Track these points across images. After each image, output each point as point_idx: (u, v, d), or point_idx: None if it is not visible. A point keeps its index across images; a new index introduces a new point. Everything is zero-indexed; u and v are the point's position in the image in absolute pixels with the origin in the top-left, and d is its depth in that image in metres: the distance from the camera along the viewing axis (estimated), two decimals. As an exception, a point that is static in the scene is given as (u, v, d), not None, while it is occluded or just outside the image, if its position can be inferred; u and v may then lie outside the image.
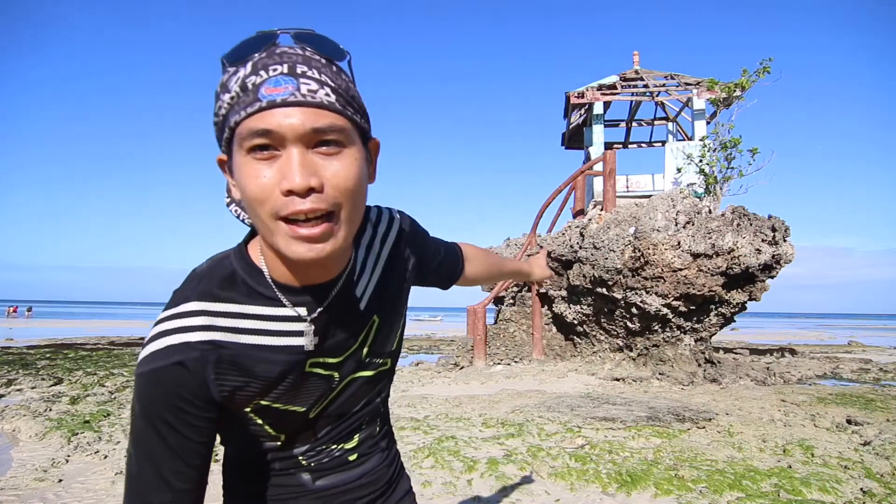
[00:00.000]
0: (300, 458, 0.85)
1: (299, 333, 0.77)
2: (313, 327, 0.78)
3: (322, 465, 0.87)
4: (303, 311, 0.77)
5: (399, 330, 0.94)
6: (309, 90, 0.65)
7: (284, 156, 0.65)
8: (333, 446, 0.87)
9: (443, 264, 1.08)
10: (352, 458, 0.90)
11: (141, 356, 0.72)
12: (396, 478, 1.01)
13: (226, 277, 0.76)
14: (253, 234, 0.80)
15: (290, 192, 0.64)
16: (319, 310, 0.78)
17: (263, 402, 0.77)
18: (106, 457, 4.38)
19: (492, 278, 1.28)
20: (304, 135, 0.64)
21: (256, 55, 0.67)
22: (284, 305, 0.76)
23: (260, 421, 0.79)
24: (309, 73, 0.66)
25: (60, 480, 3.84)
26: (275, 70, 0.65)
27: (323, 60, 0.69)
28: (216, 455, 4.30)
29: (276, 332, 0.76)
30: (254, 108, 0.64)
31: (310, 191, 0.64)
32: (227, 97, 0.67)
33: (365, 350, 0.86)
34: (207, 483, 0.76)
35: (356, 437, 0.90)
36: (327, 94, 0.66)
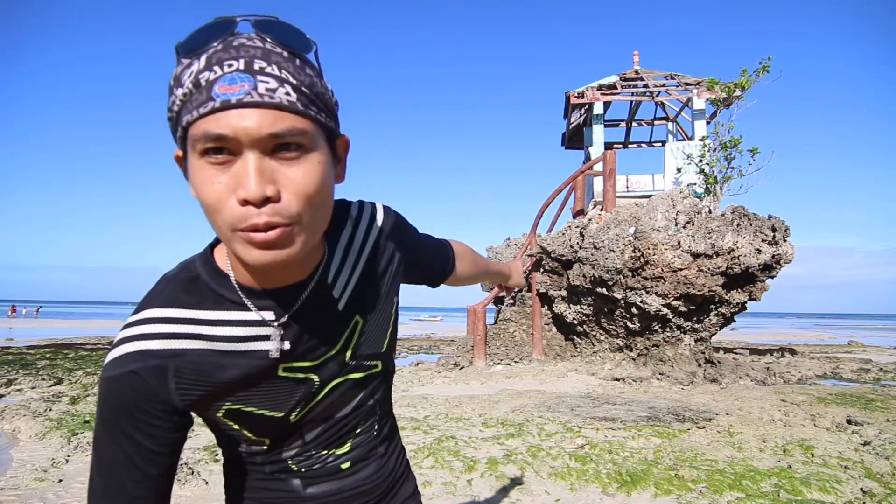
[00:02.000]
0: (290, 462, 0.83)
1: (266, 338, 0.74)
2: (281, 332, 0.74)
3: (314, 471, 0.84)
4: (269, 315, 0.74)
5: (389, 329, 0.89)
6: (267, 89, 0.60)
7: (240, 161, 0.60)
8: (324, 451, 0.85)
9: (433, 260, 1.05)
10: (345, 465, 0.86)
11: (106, 360, 0.71)
12: (400, 481, 0.97)
13: (190, 282, 0.73)
14: (216, 243, 0.78)
15: (245, 202, 0.60)
16: (287, 314, 0.75)
17: (233, 407, 0.75)
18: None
19: (477, 278, 1.27)
20: (261, 139, 0.59)
21: (212, 46, 0.61)
22: (250, 310, 0.73)
23: (236, 426, 0.77)
24: (268, 70, 0.61)
25: (60, 480, 3.84)
26: (230, 66, 0.60)
27: (285, 54, 0.63)
28: (216, 455, 4.30)
29: (241, 337, 0.73)
30: (206, 109, 0.59)
31: (266, 200, 0.60)
32: (179, 92, 0.61)
33: (349, 353, 0.82)
34: (170, 493, 0.75)
35: (349, 443, 0.87)
36: (287, 94, 0.61)
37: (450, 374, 9.61)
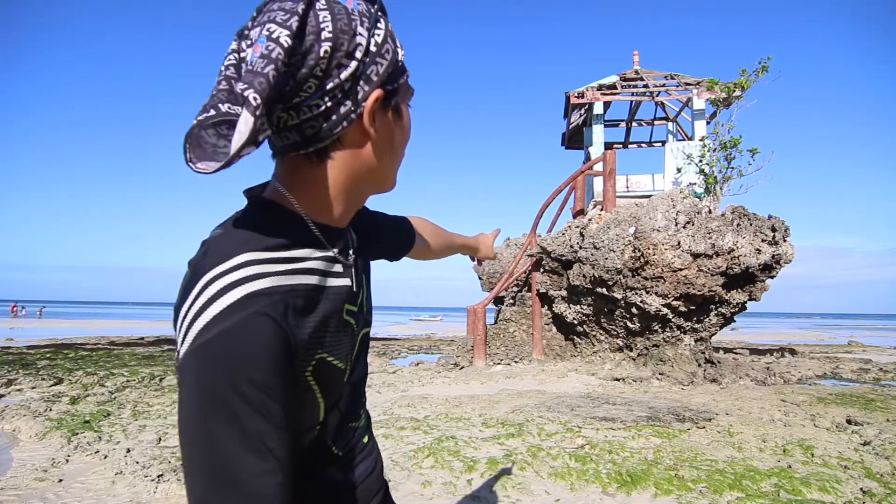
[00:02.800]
0: (332, 446, 0.79)
1: (342, 275, 0.75)
2: (353, 267, 0.77)
3: (349, 451, 0.83)
4: (339, 252, 0.75)
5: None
6: None
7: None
8: (352, 424, 0.83)
9: (391, 234, 1.07)
10: (364, 440, 0.87)
11: (202, 323, 0.58)
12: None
13: (265, 225, 0.67)
14: (259, 191, 0.73)
15: None
16: (351, 252, 0.78)
17: (321, 356, 0.69)
18: (106, 457, 4.38)
19: (441, 252, 1.29)
20: None
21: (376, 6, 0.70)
22: (327, 247, 0.72)
23: (316, 386, 0.70)
24: None
25: (60, 480, 3.84)
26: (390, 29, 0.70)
27: None
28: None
29: (327, 272, 0.72)
30: (406, 73, 0.72)
31: None
32: (396, 44, 0.70)
33: (365, 302, 0.83)
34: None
35: (362, 414, 0.87)
36: None
37: (450, 374, 9.61)
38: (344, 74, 0.63)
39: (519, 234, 13.38)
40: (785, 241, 9.62)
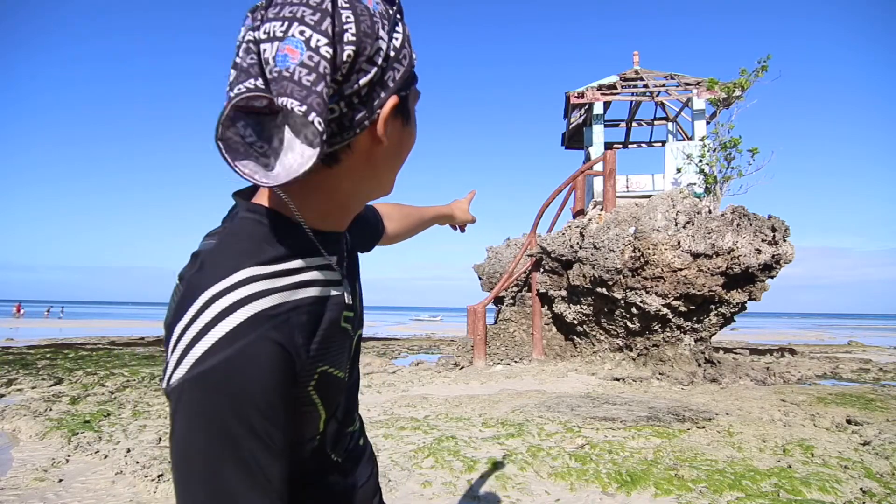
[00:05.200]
0: (331, 453, 0.78)
1: (338, 283, 0.71)
2: (346, 277, 0.74)
3: (348, 457, 0.82)
4: (335, 260, 0.72)
5: None
6: None
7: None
8: (348, 428, 0.82)
9: (362, 225, 1.03)
10: (360, 442, 0.87)
11: (203, 348, 0.55)
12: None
13: (259, 236, 0.65)
14: (249, 195, 0.71)
15: None
16: (346, 260, 0.75)
17: (324, 368, 0.67)
18: (106, 457, 4.38)
19: (413, 230, 1.26)
20: None
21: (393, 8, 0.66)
22: (323, 256, 0.70)
23: (318, 399, 0.68)
24: None
25: (60, 480, 3.84)
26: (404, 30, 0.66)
27: None
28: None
29: (326, 281, 0.69)
30: (416, 79, 0.69)
31: None
32: (411, 48, 0.67)
33: (358, 303, 0.80)
34: None
35: (356, 417, 0.86)
36: None
37: (450, 374, 9.61)
38: (363, 80, 0.59)
39: (519, 234, 13.39)
40: (785, 241, 9.62)
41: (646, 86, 13.40)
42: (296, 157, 0.55)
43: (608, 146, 14.64)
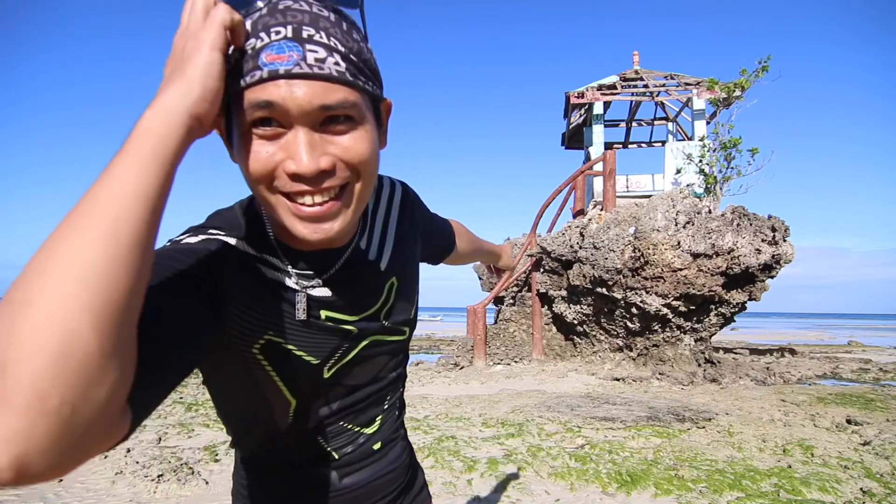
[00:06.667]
0: (326, 446, 0.80)
1: (284, 272, 0.72)
2: (305, 296, 0.72)
3: (348, 456, 0.83)
4: (309, 272, 0.73)
5: (416, 298, 0.90)
6: (316, 59, 0.58)
7: (290, 134, 0.59)
8: (356, 428, 0.83)
9: (440, 237, 1.08)
10: (376, 446, 0.86)
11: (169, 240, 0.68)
12: (414, 469, 0.98)
13: (234, 222, 0.72)
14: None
15: (295, 176, 0.59)
16: (328, 273, 0.74)
17: (274, 339, 0.70)
18: (106, 457, 4.38)
19: (473, 256, 1.29)
20: (311, 112, 0.58)
21: (257, 9, 0.59)
22: (286, 271, 0.72)
23: (269, 366, 0.71)
24: (316, 38, 0.58)
25: (60, 480, 3.83)
26: (277, 33, 0.57)
27: (332, 17, 0.61)
28: (216, 454, 4.30)
29: (260, 259, 0.72)
30: (254, 78, 0.57)
31: (320, 173, 0.60)
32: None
33: (384, 314, 0.82)
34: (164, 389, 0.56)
35: (378, 421, 0.86)
36: (336, 64, 0.59)
37: (450, 373, 9.61)
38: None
39: (519, 234, 13.39)
40: (785, 241, 9.62)
41: (646, 86, 13.40)
42: None
43: (608, 146, 14.64)
